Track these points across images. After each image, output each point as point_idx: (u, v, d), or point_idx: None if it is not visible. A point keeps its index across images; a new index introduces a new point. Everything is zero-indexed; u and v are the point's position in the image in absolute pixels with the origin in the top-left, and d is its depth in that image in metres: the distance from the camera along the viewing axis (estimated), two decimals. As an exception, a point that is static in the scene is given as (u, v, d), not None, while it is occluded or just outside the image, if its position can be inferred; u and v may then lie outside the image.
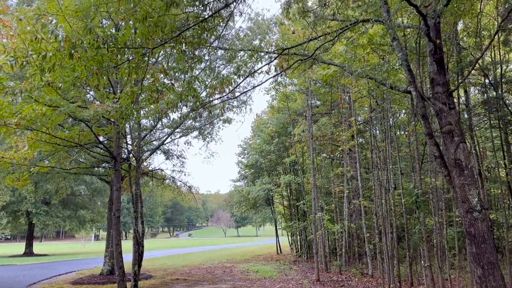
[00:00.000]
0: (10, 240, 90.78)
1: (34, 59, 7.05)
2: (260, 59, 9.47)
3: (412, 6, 7.15)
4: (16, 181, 13.02)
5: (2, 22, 9.97)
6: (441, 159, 7.20)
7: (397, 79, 12.13)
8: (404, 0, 6.82)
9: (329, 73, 12.33)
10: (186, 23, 7.96)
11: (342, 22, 9.79)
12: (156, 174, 20.04)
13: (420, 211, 11.59)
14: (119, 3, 6.91)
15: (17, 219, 35.83)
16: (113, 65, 7.37)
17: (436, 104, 7.67)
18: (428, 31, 7.59)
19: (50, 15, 7.71)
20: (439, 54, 7.80)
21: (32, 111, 9.64)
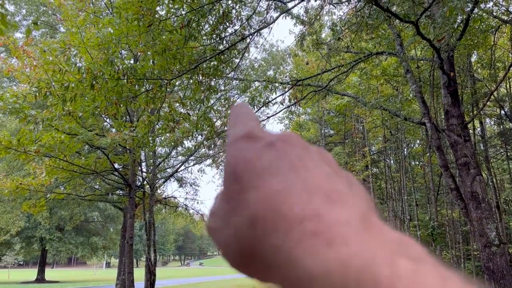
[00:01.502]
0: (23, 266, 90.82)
1: (56, 90, 7.30)
2: (275, 90, 9.64)
3: (425, 40, 7.26)
4: (32, 207, 13.19)
5: (26, 53, 10.37)
6: (457, 191, 7.12)
7: (411, 110, 12.15)
8: (418, 34, 6.92)
9: (342, 103, 12.42)
10: (203, 55, 8.18)
11: (356, 54, 9.95)
12: (169, 202, 20.08)
13: (437, 244, 11.36)
14: (140, 36, 7.16)
15: (30, 245, 35.96)
16: (132, 96, 7.57)
17: (451, 136, 7.65)
18: (441, 64, 7.65)
19: (73, 47, 8.02)
20: (453, 86, 7.83)
21: (51, 139, 9.88)
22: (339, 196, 0.23)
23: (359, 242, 0.20)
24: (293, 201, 0.22)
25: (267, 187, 0.23)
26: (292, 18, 10.35)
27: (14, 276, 48.99)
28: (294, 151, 0.26)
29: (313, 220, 0.21)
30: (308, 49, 10.91)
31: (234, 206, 0.25)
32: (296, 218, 0.21)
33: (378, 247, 0.19)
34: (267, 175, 0.24)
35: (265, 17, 8.93)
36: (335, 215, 0.21)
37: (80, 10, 10.39)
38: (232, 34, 8.32)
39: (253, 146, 0.27)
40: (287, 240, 0.21)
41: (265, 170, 0.25)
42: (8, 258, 46.60)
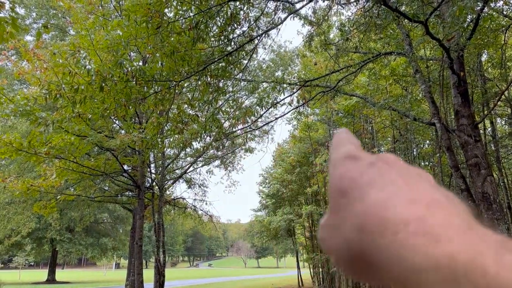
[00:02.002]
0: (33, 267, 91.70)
1: (66, 92, 7.37)
2: (283, 91, 9.63)
3: (435, 40, 7.20)
4: (43, 208, 13.32)
5: (37, 56, 10.49)
6: (467, 192, 7.05)
7: (421, 110, 12.06)
8: (427, 34, 6.87)
9: (351, 103, 12.37)
10: (211, 57, 8.20)
11: (365, 55, 9.90)
12: (178, 203, 20.16)
13: (447, 245, 11.24)
14: (148, 38, 7.20)
15: (41, 246, 36.32)
16: (140, 97, 7.61)
17: (461, 137, 7.58)
18: (451, 64, 7.59)
19: (82, 50, 8.10)
20: (463, 86, 7.76)
21: (61, 141, 9.98)
22: (440, 204, 0.25)
23: (464, 240, 0.21)
24: (397, 208, 0.25)
25: (372, 198, 0.26)
26: (300, 19, 10.33)
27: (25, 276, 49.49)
28: (394, 169, 0.29)
29: (418, 222, 0.23)
30: (316, 50, 10.89)
31: (343, 216, 0.27)
32: (401, 221, 0.24)
33: (482, 244, 0.21)
34: (371, 188, 0.27)
35: (273, 18, 8.93)
36: (438, 218, 0.24)
37: (89, 13, 10.48)
38: (240, 35, 8.34)
39: (356, 165, 0.30)
40: (394, 241, 0.23)
41: (369, 185, 0.27)
42: (19, 259, 47.05)
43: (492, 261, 0.20)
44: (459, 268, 0.20)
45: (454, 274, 0.20)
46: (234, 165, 20.33)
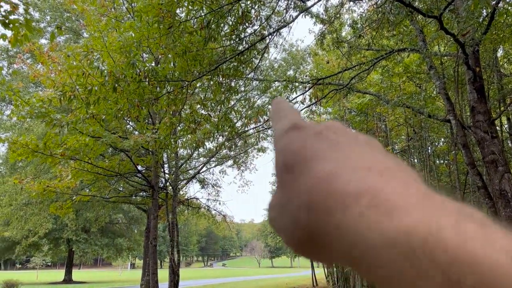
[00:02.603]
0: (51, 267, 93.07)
1: (80, 93, 7.45)
2: (295, 89, 9.59)
3: (449, 35, 7.09)
4: (59, 209, 13.50)
5: (51, 58, 10.63)
6: (485, 190, 6.93)
7: (435, 108, 11.89)
8: (441, 29, 6.77)
9: (364, 101, 12.25)
10: (223, 56, 8.21)
11: (377, 52, 9.81)
12: (192, 203, 20.24)
13: (464, 244, 11.07)
14: (160, 39, 7.24)
15: (58, 246, 36.83)
16: (153, 98, 7.65)
17: (477, 133, 7.45)
18: (466, 59, 7.47)
19: (95, 51, 8.18)
20: (479, 82, 7.63)
21: (76, 142, 10.09)
22: (393, 172, 0.23)
23: (421, 211, 0.20)
24: (346, 180, 0.23)
25: (318, 170, 0.24)
26: (312, 17, 10.28)
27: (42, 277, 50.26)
28: (341, 138, 0.27)
29: (370, 194, 0.21)
30: (328, 48, 10.82)
31: (289, 193, 0.25)
32: (352, 194, 0.22)
33: (441, 214, 0.19)
34: (317, 160, 0.25)
35: (284, 16, 8.90)
36: (391, 188, 0.21)
37: (102, 15, 10.59)
38: (251, 34, 8.33)
39: (301, 136, 0.28)
40: (346, 216, 0.21)
41: (315, 157, 0.25)
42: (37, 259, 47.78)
43: (453, 233, 0.18)
44: (417, 244, 0.18)
45: (413, 250, 0.18)
46: (247, 165, 20.34)
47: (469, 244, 0.17)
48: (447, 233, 0.18)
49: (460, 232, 0.18)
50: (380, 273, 0.19)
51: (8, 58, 19.97)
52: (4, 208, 20.88)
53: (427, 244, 0.18)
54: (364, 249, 0.20)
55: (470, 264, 0.17)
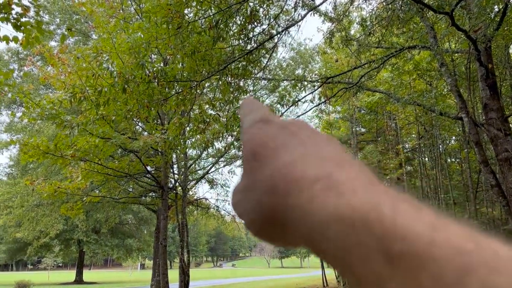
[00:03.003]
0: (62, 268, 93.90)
1: (90, 95, 7.48)
2: (304, 88, 9.54)
3: (460, 31, 7.00)
4: (70, 210, 13.58)
5: (61, 60, 10.70)
6: (498, 188, 6.83)
7: (447, 105, 11.77)
8: (452, 26, 6.68)
9: (374, 100, 12.18)
10: (231, 56, 8.19)
11: (387, 49, 9.72)
12: (201, 203, 20.26)
13: (477, 243, 10.92)
14: (169, 39, 7.23)
15: (68, 247, 37.10)
16: (162, 98, 7.66)
17: (490, 131, 7.35)
18: (479, 56, 7.37)
19: (104, 53, 8.21)
20: (491, 78, 7.52)
21: (86, 143, 10.13)
22: (346, 163, 0.26)
23: (366, 192, 0.23)
24: (305, 167, 0.26)
25: (282, 159, 0.27)
26: (320, 16, 10.21)
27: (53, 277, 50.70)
28: (304, 132, 0.30)
29: (325, 179, 0.24)
30: (337, 46, 10.75)
31: (255, 179, 0.28)
32: (309, 179, 0.24)
33: (383, 196, 0.22)
34: (282, 150, 0.28)
35: (292, 15, 8.85)
36: (345, 174, 0.24)
37: (111, 16, 10.63)
38: (260, 33, 8.29)
39: (268, 128, 0.31)
40: (301, 198, 0.24)
41: (280, 147, 0.28)
42: (48, 260, 48.20)
43: (389, 210, 0.21)
44: (360, 217, 0.21)
45: (354, 223, 0.21)
46: (256, 165, 20.28)
47: (400, 219, 0.20)
48: (384, 209, 0.21)
49: (395, 210, 0.21)
50: (327, 245, 0.22)
51: (19, 61, 20.17)
52: (16, 210, 21.10)
53: (368, 218, 0.21)
54: (316, 225, 0.22)
55: (399, 234, 0.19)
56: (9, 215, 21.78)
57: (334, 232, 0.21)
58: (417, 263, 0.18)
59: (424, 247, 0.18)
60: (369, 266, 0.20)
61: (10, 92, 9.92)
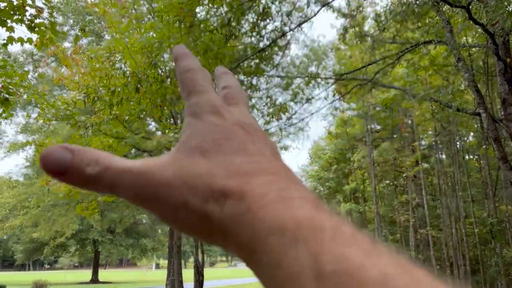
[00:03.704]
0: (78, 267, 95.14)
1: (104, 95, 7.50)
2: (318, 85, 9.44)
3: (478, 25, 6.83)
4: (85, 210, 13.68)
5: (75, 61, 10.76)
6: (519, 184, 6.65)
7: (464, 101, 11.54)
8: (469, 19, 6.52)
9: (389, 96, 11.99)
10: (244, 53, 8.14)
11: (402, 45, 9.55)
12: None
13: (497, 241, 10.71)
14: (181, 38, 7.20)
15: (84, 247, 37.55)
16: (175, 97, 7.64)
17: (509, 126, 7.18)
18: (496, 50, 7.19)
19: (117, 53, 8.23)
20: (510, 73, 7.35)
21: (100, 143, 10.17)
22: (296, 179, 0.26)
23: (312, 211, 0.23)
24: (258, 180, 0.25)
25: (237, 164, 0.26)
26: (334, 12, 10.09)
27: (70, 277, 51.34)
28: (256, 137, 0.29)
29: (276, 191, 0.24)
30: (351, 42, 10.62)
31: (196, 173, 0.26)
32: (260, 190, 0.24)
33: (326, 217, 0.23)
34: (236, 153, 0.27)
35: (305, 11, 8.75)
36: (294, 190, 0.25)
37: (123, 16, 10.65)
38: (272, 30, 8.22)
39: (221, 125, 0.28)
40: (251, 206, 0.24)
41: (235, 150, 0.27)
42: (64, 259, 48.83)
43: (329, 231, 0.21)
44: (301, 233, 0.21)
45: (296, 238, 0.21)
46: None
47: (338, 241, 0.21)
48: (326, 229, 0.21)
49: (335, 232, 0.21)
50: (262, 256, 0.22)
51: (33, 62, 20.44)
52: (32, 210, 21.42)
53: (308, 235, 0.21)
54: (257, 235, 0.22)
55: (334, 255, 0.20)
56: (25, 215, 22.13)
57: (273, 243, 0.22)
58: (346, 283, 0.19)
59: (355, 269, 0.19)
60: (298, 282, 0.20)
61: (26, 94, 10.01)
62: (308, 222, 0.22)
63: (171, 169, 0.26)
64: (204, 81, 0.32)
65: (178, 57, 0.35)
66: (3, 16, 5.64)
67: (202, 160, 0.26)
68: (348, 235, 0.21)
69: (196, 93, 0.31)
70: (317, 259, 0.20)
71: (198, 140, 0.28)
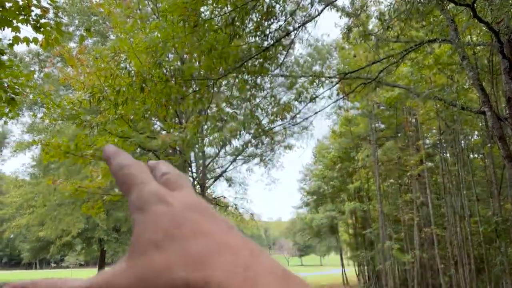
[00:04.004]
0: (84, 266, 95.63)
1: (109, 94, 7.56)
2: (322, 84, 9.45)
3: (482, 23, 6.82)
4: (90, 209, 13.77)
5: (80, 61, 10.84)
6: (524, 183, 6.63)
7: (469, 99, 11.51)
8: (474, 18, 6.51)
9: (393, 95, 11.98)
10: (248, 53, 8.16)
11: (406, 43, 9.54)
12: (220, 201, 20.33)
13: (501, 240, 10.67)
14: (186, 37, 7.24)
15: (90, 246, 37.73)
16: (180, 97, 7.68)
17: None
18: (501, 48, 7.17)
19: (122, 53, 8.28)
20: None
21: (106, 143, 10.24)
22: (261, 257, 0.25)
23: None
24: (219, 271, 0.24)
25: (194, 251, 0.24)
26: (337, 11, 10.09)
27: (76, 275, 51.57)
28: (210, 220, 0.28)
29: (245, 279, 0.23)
30: (355, 42, 10.61)
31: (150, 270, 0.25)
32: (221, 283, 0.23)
33: None
34: (192, 239, 0.25)
35: (309, 10, 8.76)
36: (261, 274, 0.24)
37: (128, 16, 10.71)
38: (276, 30, 8.24)
39: (170, 213, 0.27)
40: None
41: (190, 236, 0.26)
42: (70, 258, 49.13)
43: None
44: None
45: None
46: (274, 163, 20.24)
47: None
48: None
49: None
50: None
51: (39, 62, 20.56)
52: (38, 209, 21.57)
53: None
54: None
55: None
56: (32, 214, 22.28)
57: None
58: None
59: None
60: None
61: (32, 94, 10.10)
62: None
63: (130, 275, 0.25)
64: (141, 173, 0.31)
65: (109, 156, 0.34)
66: (9, 16, 5.69)
67: (158, 254, 0.25)
68: None
69: (135, 187, 0.30)
70: None
71: (148, 234, 0.27)
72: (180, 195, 0.30)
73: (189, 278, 0.23)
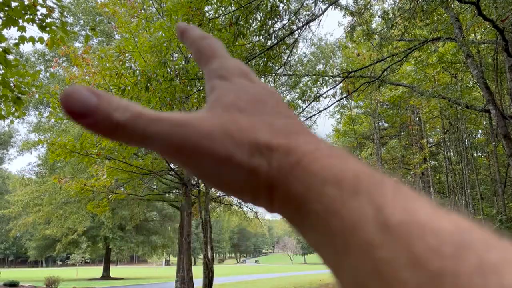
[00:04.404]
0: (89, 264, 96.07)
1: (114, 93, 7.61)
2: (325, 83, 9.47)
3: (487, 21, 6.81)
4: (96, 207, 13.88)
5: (85, 61, 10.91)
6: (528, 181, 6.63)
7: (473, 98, 11.48)
8: (479, 16, 6.51)
9: (397, 94, 11.98)
10: (252, 52, 8.19)
11: (410, 42, 9.54)
12: (224, 200, 20.38)
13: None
14: (190, 37, 7.28)
15: (95, 244, 37.97)
16: (184, 96, 7.73)
17: (519, 123, 7.15)
18: (506, 46, 7.16)
19: (127, 52, 8.33)
20: (520, 69, 7.31)
21: (110, 142, 10.32)
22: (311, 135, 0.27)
23: (364, 166, 0.23)
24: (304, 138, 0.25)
25: (276, 124, 0.26)
26: (341, 10, 10.10)
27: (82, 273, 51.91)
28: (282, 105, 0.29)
29: (327, 145, 0.25)
30: (358, 40, 10.62)
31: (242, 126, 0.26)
32: (309, 149, 0.24)
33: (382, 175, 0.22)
34: (270, 116, 0.27)
35: (313, 9, 8.78)
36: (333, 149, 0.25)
37: (133, 16, 10.76)
38: (280, 29, 8.26)
39: (257, 87, 0.29)
40: (305, 157, 0.24)
41: (274, 107, 0.27)
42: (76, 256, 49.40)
43: (390, 185, 0.21)
44: (362, 186, 0.21)
45: (357, 189, 0.20)
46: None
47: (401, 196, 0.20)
48: (386, 184, 0.21)
49: (395, 188, 0.21)
50: (319, 207, 0.21)
51: (45, 62, 20.71)
52: (44, 207, 21.73)
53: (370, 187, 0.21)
54: (314, 186, 0.22)
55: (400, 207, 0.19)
56: (38, 213, 22.44)
57: (329, 193, 0.21)
58: (416, 233, 0.18)
59: (425, 221, 0.18)
60: (361, 233, 0.19)
61: (38, 93, 10.19)
62: (367, 175, 0.21)
63: (212, 123, 0.25)
64: (223, 49, 0.33)
65: (186, 29, 0.35)
66: (15, 15, 5.75)
67: (242, 116, 0.26)
68: (409, 193, 0.20)
69: (219, 58, 0.31)
70: (381, 211, 0.19)
71: (231, 98, 0.27)
72: (260, 81, 0.31)
73: (272, 141, 0.24)
